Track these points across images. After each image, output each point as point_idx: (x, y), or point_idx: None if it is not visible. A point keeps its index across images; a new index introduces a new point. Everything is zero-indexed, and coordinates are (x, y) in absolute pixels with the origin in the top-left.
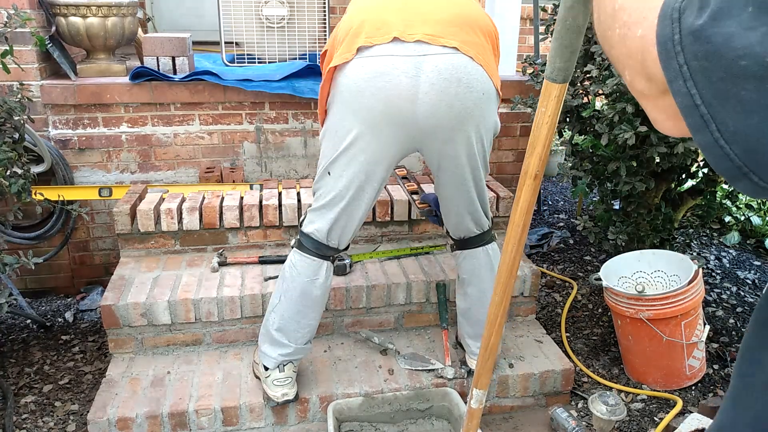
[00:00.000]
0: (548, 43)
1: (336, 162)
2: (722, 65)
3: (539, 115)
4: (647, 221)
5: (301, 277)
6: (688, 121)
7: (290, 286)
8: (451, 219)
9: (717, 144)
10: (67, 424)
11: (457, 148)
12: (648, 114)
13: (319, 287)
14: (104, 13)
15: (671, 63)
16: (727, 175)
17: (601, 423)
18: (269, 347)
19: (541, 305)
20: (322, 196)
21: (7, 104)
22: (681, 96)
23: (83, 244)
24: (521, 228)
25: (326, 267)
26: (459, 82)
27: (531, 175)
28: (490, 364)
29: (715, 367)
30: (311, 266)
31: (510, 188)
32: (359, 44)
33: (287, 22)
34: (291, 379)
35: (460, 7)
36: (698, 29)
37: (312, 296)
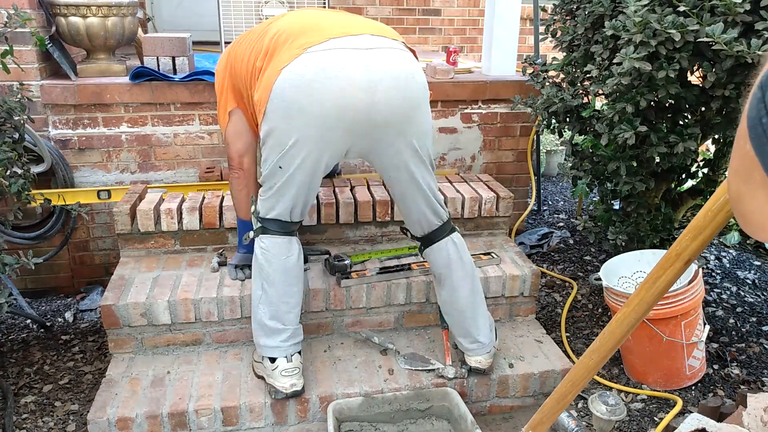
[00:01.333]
0: (548, 43)
1: (285, 156)
2: None
3: (717, 200)
4: (647, 221)
5: (276, 258)
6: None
7: (269, 271)
8: (412, 217)
9: None
10: (67, 424)
11: (410, 141)
12: (747, 219)
13: (294, 260)
14: (104, 13)
15: (765, 148)
16: None
17: (601, 423)
18: (267, 339)
19: (541, 305)
20: (276, 184)
21: (7, 104)
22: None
23: (83, 244)
24: (648, 306)
25: (295, 241)
26: (412, 76)
27: (684, 259)
28: (556, 416)
29: (715, 367)
30: (283, 244)
31: (510, 188)
32: (307, 41)
33: None
34: (299, 369)
35: (379, 24)
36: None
37: (292, 272)
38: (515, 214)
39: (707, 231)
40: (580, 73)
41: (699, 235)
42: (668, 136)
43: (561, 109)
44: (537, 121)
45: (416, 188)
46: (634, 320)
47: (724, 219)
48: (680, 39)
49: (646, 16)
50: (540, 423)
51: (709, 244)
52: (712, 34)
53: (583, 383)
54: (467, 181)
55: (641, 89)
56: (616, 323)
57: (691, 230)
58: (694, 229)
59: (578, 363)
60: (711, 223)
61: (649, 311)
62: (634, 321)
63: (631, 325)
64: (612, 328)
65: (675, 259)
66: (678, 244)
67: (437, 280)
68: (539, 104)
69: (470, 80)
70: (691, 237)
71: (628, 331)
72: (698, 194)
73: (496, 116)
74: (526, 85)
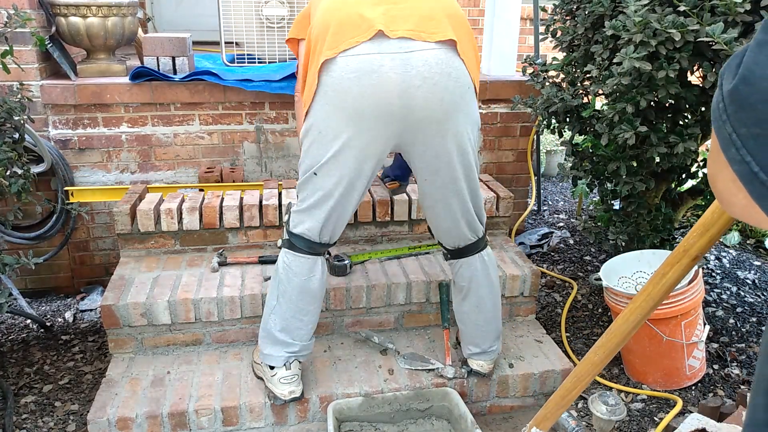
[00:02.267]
0: (548, 43)
1: (324, 164)
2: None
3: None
4: (647, 221)
5: (297, 277)
6: (750, 189)
7: (287, 287)
8: (442, 226)
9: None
10: (67, 424)
11: (448, 144)
12: (720, 198)
13: (316, 282)
14: (104, 13)
15: (722, 131)
16: None
17: (601, 423)
18: (273, 348)
19: (541, 305)
20: (309, 196)
21: (7, 104)
22: (737, 164)
23: (83, 244)
24: (655, 302)
25: (321, 262)
26: (449, 76)
27: (692, 255)
28: (561, 412)
29: (715, 367)
30: (306, 264)
31: (510, 188)
32: (342, 41)
33: (287, 22)
34: (297, 376)
35: (436, 1)
36: (731, 92)
37: (311, 293)
38: (515, 214)
39: (715, 228)
40: (580, 73)
41: (706, 232)
42: (668, 136)
43: (561, 109)
44: (537, 121)
45: (454, 196)
46: (641, 316)
47: (732, 217)
48: (680, 39)
49: (646, 16)
50: (544, 419)
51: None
52: (713, 34)
53: (589, 379)
54: None
55: (641, 89)
56: (623, 319)
57: (698, 227)
58: (702, 226)
59: (584, 359)
60: (719, 221)
61: (656, 307)
62: (641, 317)
63: (638, 321)
64: (618, 324)
65: (682, 255)
66: (686, 240)
67: (457, 288)
68: (539, 104)
69: None
70: (699, 234)
71: (635, 327)
72: (698, 194)
73: (496, 116)
74: (526, 85)
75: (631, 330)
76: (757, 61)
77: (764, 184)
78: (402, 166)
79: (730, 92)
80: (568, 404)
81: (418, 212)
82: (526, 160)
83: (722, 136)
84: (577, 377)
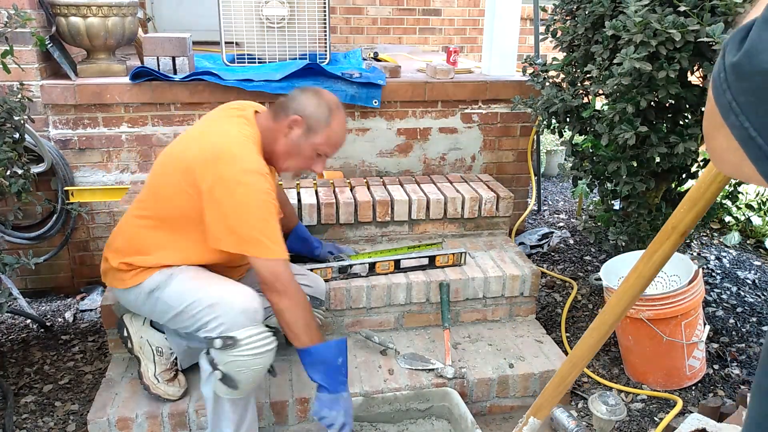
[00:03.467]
0: (548, 43)
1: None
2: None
3: (710, 172)
4: (647, 221)
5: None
6: (748, 152)
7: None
8: None
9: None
10: (67, 424)
11: None
12: (713, 156)
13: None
14: (105, 13)
15: (721, 99)
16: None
17: (601, 423)
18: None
19: (541, 305)
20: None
21: (8, 104)
22: (736, 129)
23: (83, 244)
24: (646, 280)
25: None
26: None
27: (680, 231)
28: (558, 399)
29: (716, 367)
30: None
31: (510, 188)
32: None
33: (287, 22)
34: None
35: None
36: (735, 65)
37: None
38: (515, 214)
39: (701, 203)
40: (580, 73)
41: (693, 207)
42: (668, 136)
43: (561, 110)
44: (537, 121)
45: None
46: (633, 295)
47: (717, 190)
48: (680, 39)
49: (647, 16)
50: (542, 407)
51: (709, 244)
52: (713, 34)
53: (584, 363)
54: (467, 181)
55: (641, 89)
56: (616, 299)
57: (685, 202)
58: (689, 201)
59: (579, 342)
60: (704, 195)
61: (647, 286)
62: (632, 296)
63: (630, 301)
64: (611, 305)
65: (671, 231)
66: (674, 217)
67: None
68: (539, 104)
69: (470, 80)
70: (686, 209)
71: (627, 306)
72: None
73: (496, 116)
74: (526, 85)
75: (624, 310)
76: (762, 37)
77: (761, 148)
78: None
79: (733, 64)
80: (565, 390)
81: (418, 212)
82: (526, 160)
83: (722, 104)
84: (572, 362)
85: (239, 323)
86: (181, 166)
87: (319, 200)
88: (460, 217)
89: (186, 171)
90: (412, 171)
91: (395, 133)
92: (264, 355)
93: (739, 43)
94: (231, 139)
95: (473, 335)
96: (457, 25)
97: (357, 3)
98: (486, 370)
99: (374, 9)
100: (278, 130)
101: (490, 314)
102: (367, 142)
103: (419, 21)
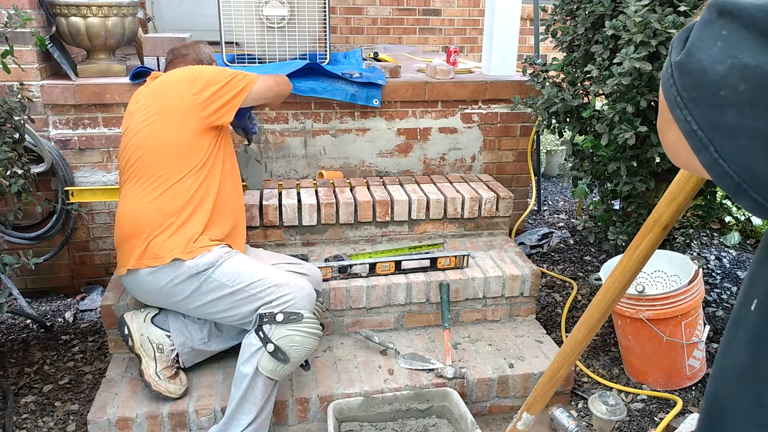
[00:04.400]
0: (548, 43)
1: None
2: (706, 96)
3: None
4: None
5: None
6: (691, 143)
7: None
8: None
9: (717, 163)
10: (67, 424)
11: None
12: (667, 150)
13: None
14: (105, 13)
15: (669, 93)
16: (729, 192)
17: (601, 423)
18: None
19: (541, 305)
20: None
21: (8, 104)
22: (680, 122)
23: (83, 244)
24: (631, 274)
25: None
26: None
27: (662, 224)
28: (550, 393)
29: None
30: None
31: (510, 188)
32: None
33: (287, 22)
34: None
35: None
36: (678, 63)
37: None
38: (515, 214)
39: (681, 196)
40: (580, 73)
41: (674, 201)
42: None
43: (561, 110)
44: (537, 121)
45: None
46: (618, 289)
47: (696, 184)
48: None
49: (647, 16)
50: (534, 402)
51: (709, 244)
52: None
53: (575, 357)
54: (467, 181)
55: (641, 89)
56: (602, 294)
57: (666, 196)
58: (669, 195)
59: (569, 337)
60: (684, 187)
61: (632, 280)
62: (618, 290)
63: (616, 295)
64: (598, 300)
65: (653, 225)
66: (655, 211)
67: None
68: (539, 104)
69: (470, 80)
70: (667, 203)
71: (614, 301)
72: (698, 194)
73: (496, 116)
74: (526, 85)
75: (610, 304)
76: (700, 38)
77: (701, 140)
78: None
79: (677, 62)
80: (557, 385)
81: (418, 212)
82: (526, 160)
83: (669, 98)
84: (563, 356)
85: (304, 304)
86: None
87: (319, 200)
88: (460, 217)
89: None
90: (412, 171)
91: (395, 133)
92: (316, 337)
93: (683, 42)
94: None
95: (473, 335)
96: (457, 25)
97: (357, 3)
98: (486, 370)
99: (374, 9)
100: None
101: (490, 314)
102: (367, 142)
103: (419, 21)
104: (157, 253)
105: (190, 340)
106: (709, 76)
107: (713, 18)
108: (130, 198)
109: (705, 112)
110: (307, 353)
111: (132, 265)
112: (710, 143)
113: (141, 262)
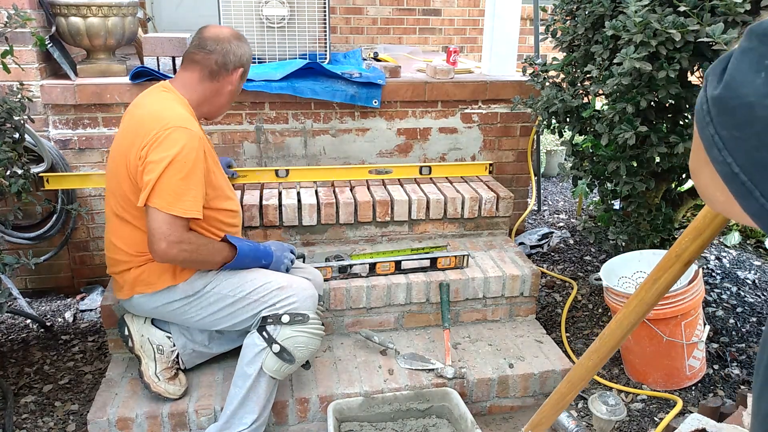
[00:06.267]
0: (548, 43)
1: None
2: (752, 135)
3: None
4: (647, 221)
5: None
6: (731, 188)
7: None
8: None
9: (764, 209)
10: (67, 424)
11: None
12: (702, 193)
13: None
14: (105, 13)
15: (704, 132)
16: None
17: (601, 423)
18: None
19: (541, 305)
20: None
21: (8, 104)
22: (719, 164)
23: (83, 244)
24: (648, 307)
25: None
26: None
27: (684, 260)
28: (555, 417)
29: (715, 367)
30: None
31: (510, 188)
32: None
33: (287, 22)
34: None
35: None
36: (717, 98)
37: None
38: (515, 214)
39: (707, 233)
40: (580, 73)
41: (698, 237)
42: (668, 136)
43: (561, 110)
44: (537, 121)
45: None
46: (633, 321)
47: (724, 220)
48: (680, 39)
49: (647, 16)
50: (539, 424)
51: (709, 244)
52: (713, 34)
53: (582, 384)
54: (467, 181)
55: (641, 89)
56: (616, 324)
57: (690, 231)
58: (694, 231)
59: (577, 364)
60: (710, 225)
61: (648, 312)
62: (633, 322)
63: (631, 326)
64: (612, 329)
65: (675, 260)
66: (678, 245)
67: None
68: (539, 104)
69: (470, 80)
70: (691, 238)
71: (627, 332)
72: (698, 194)
73: (496, 116)
74: (526, 85)
75: (625, 334)
76: (740, 69)
77: (744, 184)
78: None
79: (714, 98)
80: (563, 409)
81: (418, 212)
82: (526, 160)
83: (705, 137)
84: (571, 383)
85: (308, 305)
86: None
87: (319, 200)
88: (460, 217)
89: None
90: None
91: (395, 133)
92: (320, 338)
93: (720, 75)
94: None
95: (473, 335)
96: (457, 25)
97: (357, 3)
98: (486, 370)
99: (374, 9)
100: (222, 87)
101: (490, 314)
102: (367, 142)
103: (419, 21)
104: (147, 280)
105: (191, 341)
106: (757, 111)
107: (753, 45)
108: (114, 223)
109: (750, 154)
110: (311, 354)
111: (125, 296)
112: (755, 188)
113: (134, 290)
